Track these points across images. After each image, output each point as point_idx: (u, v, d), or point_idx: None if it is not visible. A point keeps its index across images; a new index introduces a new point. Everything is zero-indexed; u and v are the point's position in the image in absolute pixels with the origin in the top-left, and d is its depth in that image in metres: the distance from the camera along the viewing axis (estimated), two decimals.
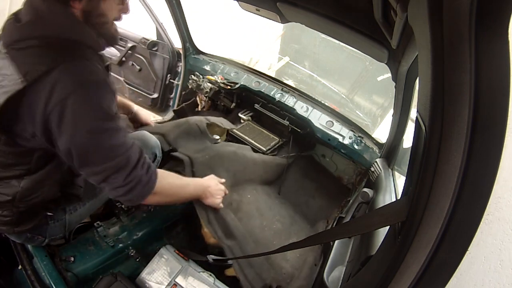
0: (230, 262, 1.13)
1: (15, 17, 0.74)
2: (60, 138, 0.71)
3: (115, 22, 0.83)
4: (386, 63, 1.23)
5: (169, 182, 0.95)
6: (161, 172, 0.89)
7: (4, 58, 0.70)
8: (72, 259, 1.10)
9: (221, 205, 1.25)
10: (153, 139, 1.29)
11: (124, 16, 0.84)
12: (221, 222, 1.33)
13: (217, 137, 1.84)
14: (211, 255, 1.15)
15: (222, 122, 1.97)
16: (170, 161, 1.51)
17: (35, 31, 0.70)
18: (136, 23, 2.79)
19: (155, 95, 2.50)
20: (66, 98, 0.66)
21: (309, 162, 2.14)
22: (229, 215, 1.39)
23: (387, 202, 1.16)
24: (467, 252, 0.45)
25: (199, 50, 2.36)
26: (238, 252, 1.25)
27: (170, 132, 1.62)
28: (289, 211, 1.80)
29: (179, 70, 2.40)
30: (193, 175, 1.40)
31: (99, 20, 0.77)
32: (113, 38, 0.84)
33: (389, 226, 0.64)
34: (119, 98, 1.34)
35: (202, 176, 1.28)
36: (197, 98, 2.34)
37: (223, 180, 1.30)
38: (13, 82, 0.67)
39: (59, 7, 0.72)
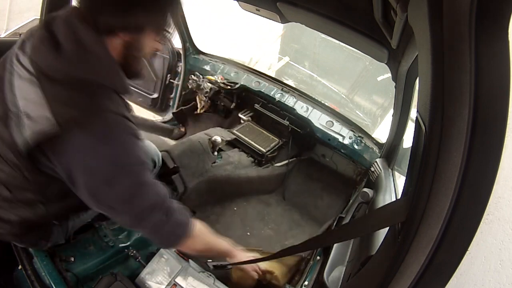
0: (229, 266, 1.13)
1: (50, 36, 0.67)
2: (84, 190, 0.70)
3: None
4: (386, 63, 1.23)
5: (204, 229, 0.92)
6: (195, 221, 0.88)
7: (31, 83, 0.65)
8: (72, 259, 1.10)
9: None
10: (152, 147, 1.28)
11: (155, 53, 0.82)
12: None
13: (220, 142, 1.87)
14: (210, 261, 1.15)
15: (223, 134, 1.98)
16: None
17: (75, 69, 0.66)
18: None
19: (155, 95, 2.50)
20: (94, 153, 0.66)
21: (310, 163, 2.14)
22: None
23: (387, 202, 1.16)
24: (467, 252, 0.45)
25: (199, 50, 2.36)
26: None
27: (174, 148, 1.64)
28: (294, 217, 1.80)
29: (179, 70, 2.40)
30: (182, 201, 1.45)
31: (135, 54, 0.76)
32: (140, 74, 0.82)
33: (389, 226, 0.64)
34: None
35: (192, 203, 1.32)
36: (197, 98, 2.34)
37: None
38: (43, 118, 0.63)
39: (101, 45, 0.68)
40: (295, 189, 1.98)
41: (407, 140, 1.45)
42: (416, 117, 0.55)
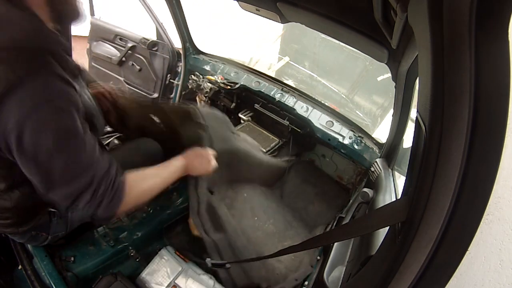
0: (228, 265, 1.13)
1: None
2: (21, 160, 0.67)
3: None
4: (386, 63, 1.23)
5: (139, 187, 0.85)
6: (130, 180, 0.80)
7: None
8: (72, 259, 1.10)
9: (214, 164, 1.11)
10: (155, 144, 1.26)
11: None
12: (212, 214, 1.33)
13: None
14: (208, 259, 1.15)
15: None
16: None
17: None
18: (136, 23, 2.80)
19: (155, 95, 2.50)
20: (24, 120, 0.62)
21: (307, 167, 2.13)
22: (222, 209, 1.39)
23: (387, 202, 1.16)
24: (467, 252, 0.45)
25: (199, 50, 2.36)
26: (225, 246, 1.26)
27: (200, 107, 1.52)
28: (286, 217, 1.80)
29: (179, 70, 2.40)
30: None
31: None
32: (77, 13, 0.74)
33: (389, 226, 0.64)
34: (97, 89, 1.20)
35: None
36: (197, 98, 2.34)
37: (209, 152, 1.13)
38: None
39: (11, 8, 0.63)
40: (291, 190, 1.98)
41: (407, 140, 1.45)
42: (416, 117, 0.55)
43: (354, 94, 4.84)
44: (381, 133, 3.48)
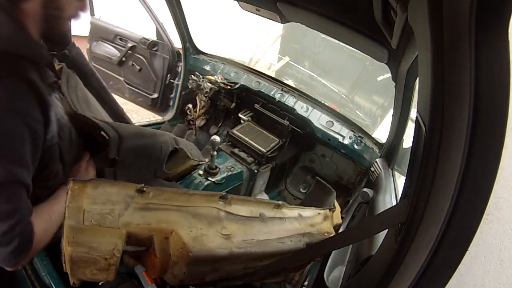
0: None
1: None
2: None
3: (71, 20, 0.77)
4: (386, 63, 1.23)
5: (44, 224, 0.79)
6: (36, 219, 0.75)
7: None
8: None
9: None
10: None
11: (81, 14, 0.76)
12: None
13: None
14: None
15: (192, 150, 1.51)
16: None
17: None
18: (136, 23, 2.80)
19: (155, 95, 2.51)
20: None
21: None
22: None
23: (387, 202, 1.16)
24: (467, 252, 0.45)
25: (199, 50, 2.37)
26: None
27: (130, 138, 1.11)
28: None
29: (179, 70, 2.40)
30: None
31: (55, 13, 0.70)
32: (64, 37, 0.77)
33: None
34: None
35: None
36: (197, 98, 2.34)
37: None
38: None
39: (6, 15, 0.65)
40: None
41: (407, 140, 1.45)
42: (416, 117, 0.54)
43: (354, 94, 4.84)
44: (381, 133, 3.48)
